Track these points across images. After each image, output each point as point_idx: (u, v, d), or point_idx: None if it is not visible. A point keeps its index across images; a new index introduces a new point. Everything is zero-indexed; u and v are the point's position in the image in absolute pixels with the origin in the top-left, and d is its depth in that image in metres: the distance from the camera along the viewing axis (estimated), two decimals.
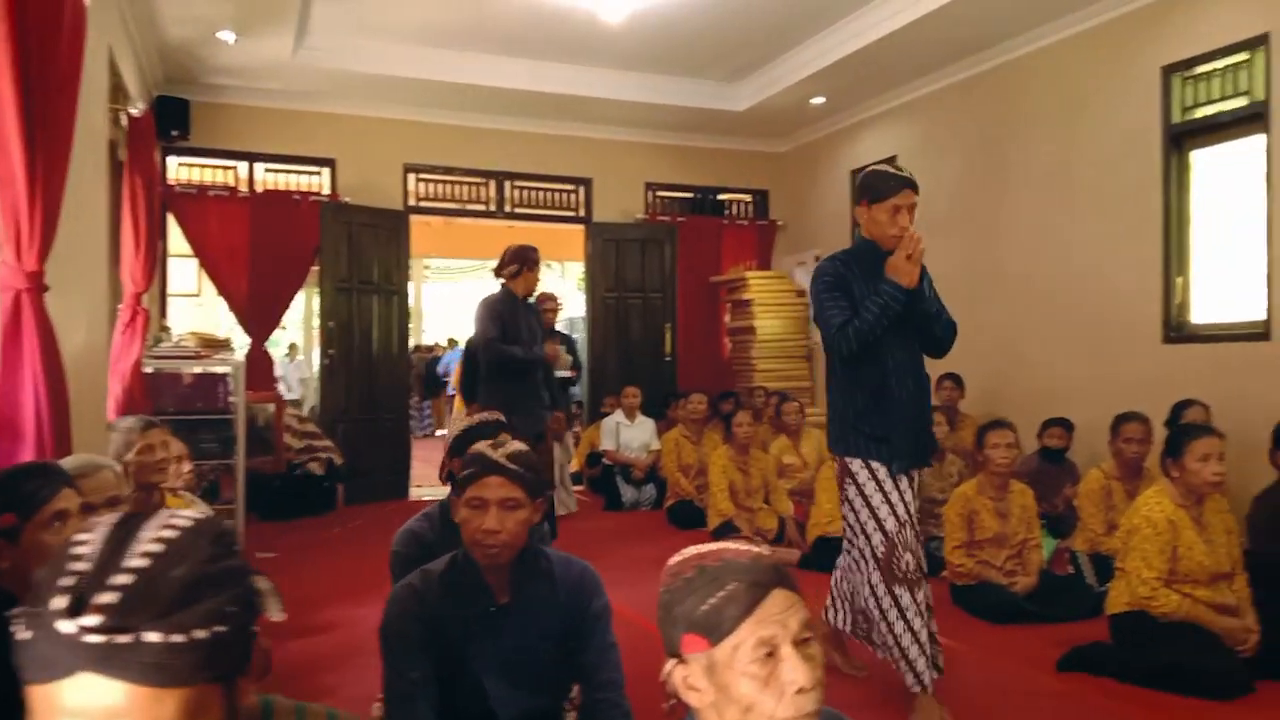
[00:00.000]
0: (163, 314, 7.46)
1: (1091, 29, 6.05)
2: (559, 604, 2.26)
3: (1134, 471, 4.68)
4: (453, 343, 14.67)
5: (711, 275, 9.25)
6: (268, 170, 7.83)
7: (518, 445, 2.30)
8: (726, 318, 9.31)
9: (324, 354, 7.68)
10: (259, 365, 7.47)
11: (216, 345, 6.14)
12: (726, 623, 1.26)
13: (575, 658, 2.25)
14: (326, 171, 7.95)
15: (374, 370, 7.88)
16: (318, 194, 7.85)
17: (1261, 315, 5.14)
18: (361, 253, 7.77)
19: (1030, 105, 6.59)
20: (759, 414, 7.84)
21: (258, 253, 7.50)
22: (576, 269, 13.15)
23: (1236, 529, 3.59)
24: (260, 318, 7.63)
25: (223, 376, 6.09)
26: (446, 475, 2.93)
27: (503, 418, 2.99)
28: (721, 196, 9.55)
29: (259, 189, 7.73)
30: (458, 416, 8.85)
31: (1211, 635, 3.40)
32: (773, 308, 8.94)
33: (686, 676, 1.30)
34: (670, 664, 1.32)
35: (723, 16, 6.62)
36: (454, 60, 7.29)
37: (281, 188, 7.81)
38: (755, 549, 1.38)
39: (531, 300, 5.31)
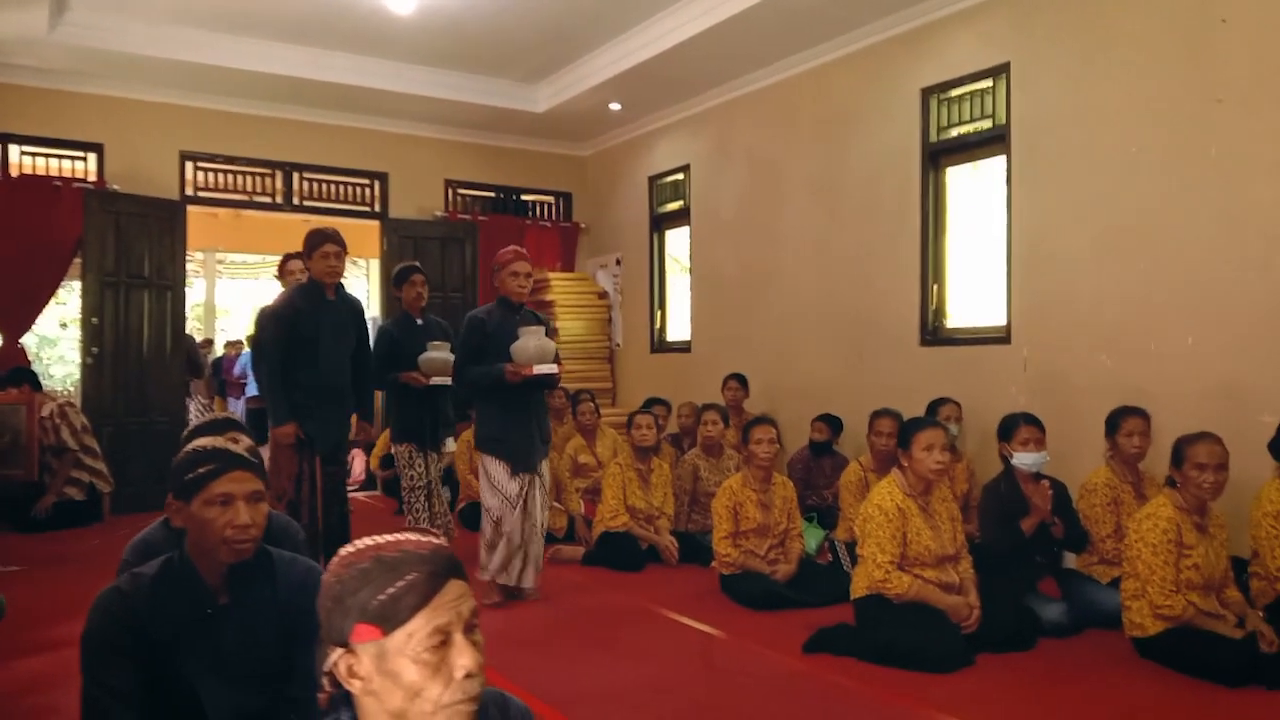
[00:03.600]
0: None
1: (857, 51, 6.45)
2: (280, 604, 2.21)
3: (888, 464, 4.98)
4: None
5: None
6: (24, 153, 7.20)
7: (249, 442, 2.26)
8: None
9: (86, 352, 7.14)
10: (12, 365, 6.87)
11: None
12: (403, 612, 1.28)
13: (295, 659, 2.20)
14: (93, 157, 7.40)
15: (145, 370, 7.40)
16: (82, 180, 7.29)
17: (1003, 321, 5.62)
18: (131, 244, 7.28)
19: (804, 120, 6.95)
20: (559, 414, 7.90)
21: (8, 243, 6.86)
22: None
23: (960, 515, 3.91)
24: (12, 314, 7.01)
25: None
26: None
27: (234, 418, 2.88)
28: (525, 197, 9.56)
29: (13, 173, 7.10)
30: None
31: (939, 613, 3.69)
32: (575, 309, 9.04)
33: (352, 665, 1.30)
34: (336, 653, 1.32)
35: (514, 15, 6.61)
36: (232, 45, 6.95)
37: (40, 172, 7.21)
38: (434, 540, 1.40)
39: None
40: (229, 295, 16.14)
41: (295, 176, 8.26)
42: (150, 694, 2.08)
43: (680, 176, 8.41)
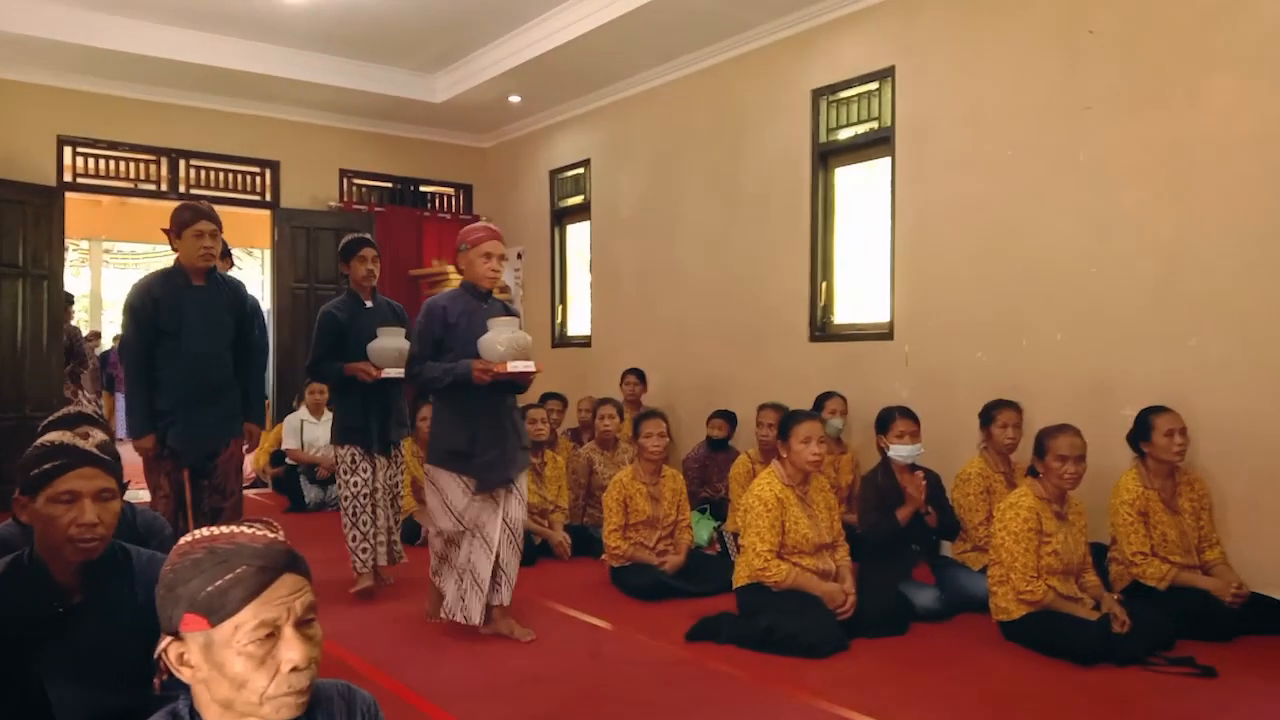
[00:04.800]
0: None
1: (750, 52, 6.57)
2: (139, 601, 2.16)
3: (773, 455, 5.11)
4: None
5: (412, 268, 9.11)
6: None
7: (103, 436, 2.21)
8: None
9: None
10: None
11: None
12: (231, 604, 1.30)
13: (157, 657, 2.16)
14: None
15: (20, 363, 7.08)
16: None
17: (887, 317, 5.80)
18: (4, 232, 6.93)
19: (701, 118, 7.04)
20: None
21: None
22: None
23: (837, 505, 4.04)
24: None
25: None
26: None
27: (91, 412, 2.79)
28: (424, 188, 9.44)
29: None
30: None
31: (816, 600, 3.80)
32: None
33: (182, 654, 1.33)
34: (166, 640, 1.35)
35: (410, 3, 6.51)
36: (112, 26, 6.67)
37: None
38: (271, 534, 1.42)
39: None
40: (117, 286, 15.52)
41: (182, 163, 7.99)
42: None
43: (581, 171, 8.42)
